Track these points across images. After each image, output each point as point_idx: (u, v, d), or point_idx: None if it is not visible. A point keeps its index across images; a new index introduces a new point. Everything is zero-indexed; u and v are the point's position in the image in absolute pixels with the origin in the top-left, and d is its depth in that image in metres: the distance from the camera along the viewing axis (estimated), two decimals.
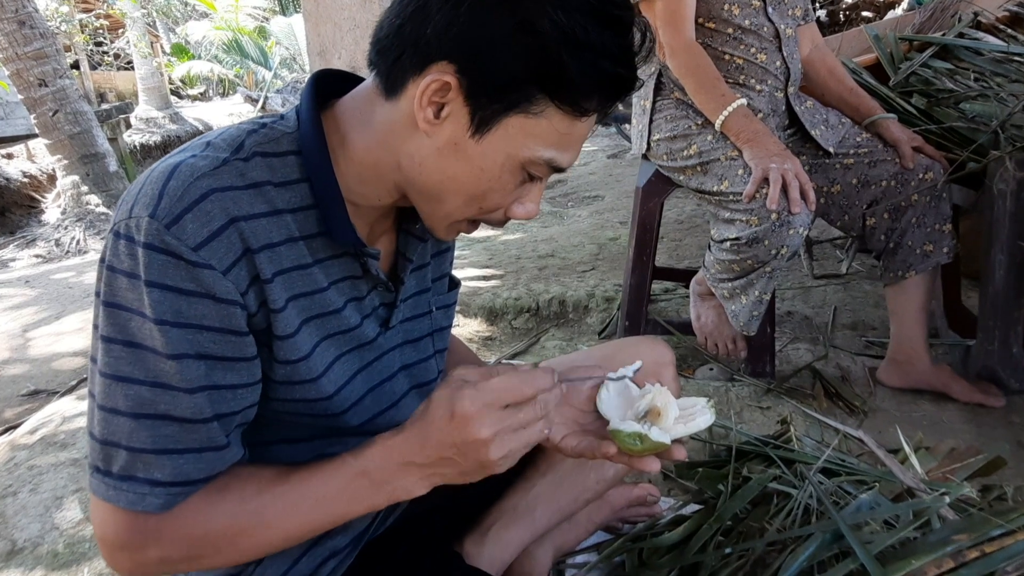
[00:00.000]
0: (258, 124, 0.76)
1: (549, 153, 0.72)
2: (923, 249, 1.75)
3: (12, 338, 3.38)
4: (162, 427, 0.68)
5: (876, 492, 1.18)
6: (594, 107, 0.70)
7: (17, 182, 10.33)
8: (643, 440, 0.77)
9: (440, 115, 0.69)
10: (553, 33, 0.65)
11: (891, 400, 1.84)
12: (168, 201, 0.65)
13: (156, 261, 0.64)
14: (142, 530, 0.69)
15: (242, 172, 0.70)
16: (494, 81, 0.67)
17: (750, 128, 1.60)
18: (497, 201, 0.76)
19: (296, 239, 0.74)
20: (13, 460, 1.92)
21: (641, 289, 2.03)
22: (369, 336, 0.84)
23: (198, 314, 0.66)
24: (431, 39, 0.67)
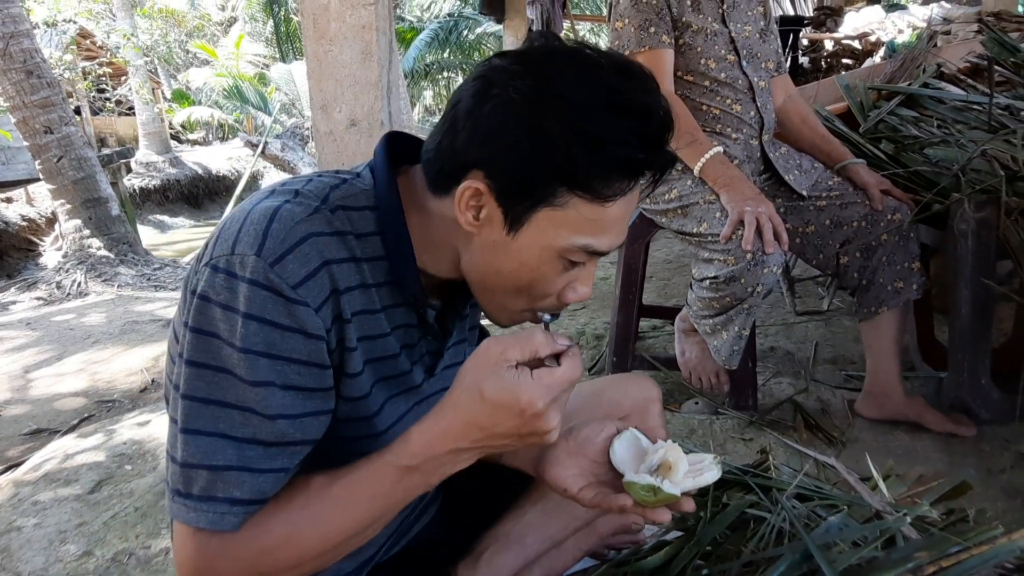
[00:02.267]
0: (339, 179, 0.83)
1: (583, 240, 0.75)
2: (894, 286, 1.84)
3: (13, 379, 3.43)
4: (248, 449, 0.72)
5: (845, 515, 1.24)
6: (616, 192, 0.73)
7: (16, 226, 10.45)
8: (656, 493, 0.82)
9: (479, 217, 0.75)
10: (562, 131, 0.69)
11: (868, 431, 1.91)
12: (272, 242, 0.71)
13: (259, 296, 0.70)
14: (213, 550, 0.72)
15: (330, 221, 0.77)
16: (517, 182, 0.72)
17: (726, 174, 1.71)
18: (544, 290, 0.80)
19: (368, 286, 0.80)
20: (17, 496, 1.97)
21: (627, 327, 2.11)
22: (416, 381, 0.90)
23: (288, 347, 0.72)
24: (460, 151, 0.74)
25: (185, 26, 23.00)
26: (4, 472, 2.29)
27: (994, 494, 1.60)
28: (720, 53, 1.87)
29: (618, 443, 0.91)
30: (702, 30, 1.85)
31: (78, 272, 6.05)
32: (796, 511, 1.32)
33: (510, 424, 0.72)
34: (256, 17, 24.18)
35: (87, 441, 2.29)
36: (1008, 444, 1.75)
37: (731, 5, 1.91)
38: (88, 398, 3.05)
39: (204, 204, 16.01)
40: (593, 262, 0.81)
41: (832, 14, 5.50)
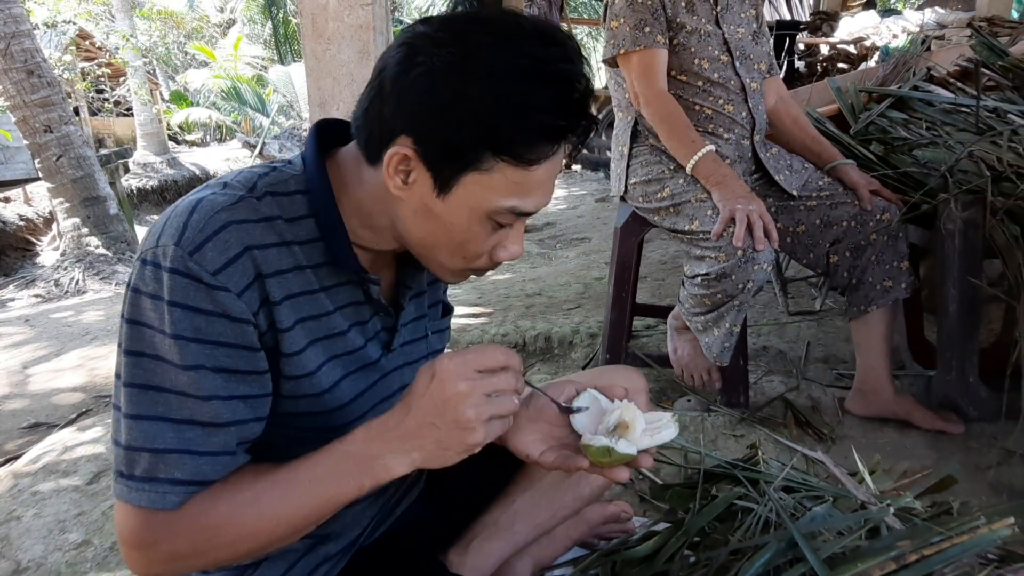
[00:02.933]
0: (269, 168, 0.86)
1: (510, 202, 0.78)
2: (883, 285, 1.87)
3: (12, 374, 3.44)
4: (186, 430, 0.74)
5: (830, 506, 1.27)
6: (540, 156, 0.76)
7: (14, 225, 10.46)
8: (611, 453, 0.84)
9: (408, 181, 0.78)
10: (485, 99, 0.72)
11: (858, 428, 1.93)
12: (191, 232, 0.74)
13: (179, 284, 0.73)
14: (154, 527, 0.75)
15: (255, 208, 0.79)
16: (443, 148, 0.75)
17: (718, 172, 1.74)
18: (475, 249, 0.84)
19: (304, 267, 0.82)
20: (17, 487, 1.99)
21: (620, 324, 2.14)
22: (372, 357, 0.93)
23: (215, 331, 0.74)
24: (388, 117, 0.76)
25: (184, 27, 23.03)
26: (3, 464, 2.30)
27: (980, 489, 1.63)
28: (714, 54, 1.90)
29: (577, 404, 0.93)
30: (696, 31, 1.88)
31: (76, 270, 6.07)
32: (783, 502, 1.35)
33: (426, 396, 0.75)
34: (255, 19, 24.23)
35: (85, 434, 2.31)
36: (995, 441, 1.78)
37: (724, 7, 1.94)
38: (86, 393, 3.07)
39: None
40: (521, 222, 0.84)
41: (828, 19, 5.54)
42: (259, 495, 0.77)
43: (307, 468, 0.78)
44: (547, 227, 5.25)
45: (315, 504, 0.78)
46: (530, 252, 4.55)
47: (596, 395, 0.97)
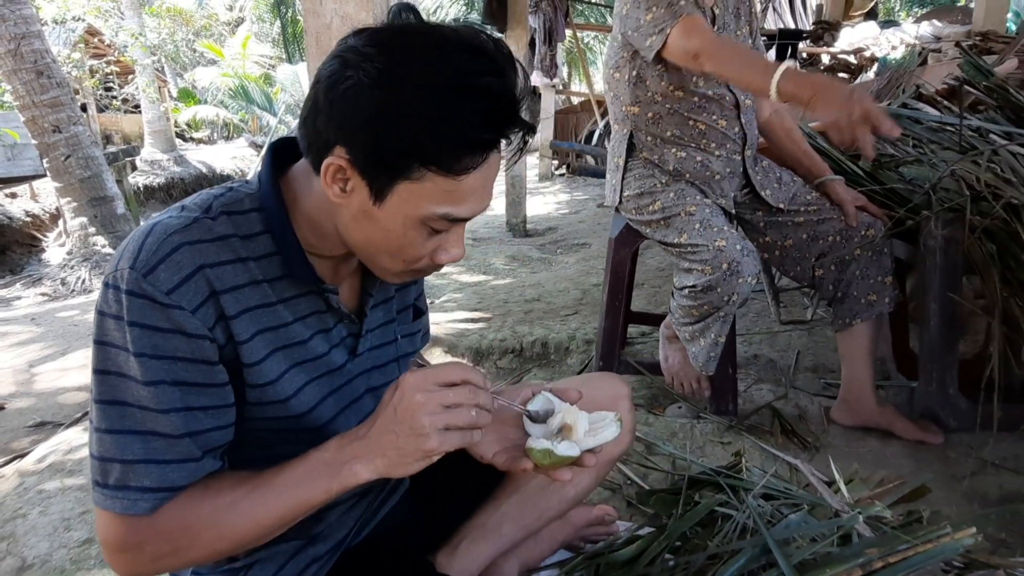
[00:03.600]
0: (225, 189, 0.91)
1: (442, 209, 0.81)
2: (867, 299, 1.92)
3: (18, 373, 3.51)
4: (151, 441, 0.79)
5: (805, 513, 1.32)
6: (467, 167, 0.78)
7: (20, 221, 10.54)
8: (550, 455, 0.89)
9: (346, 189, 0.81)
10: (409, 113, 0.74)
11: (841, 437, 1.98)
12: (145, 255, 0.78)
13: (136, 304, 0.77)
14: (136, 531, 0.80)
15: (210, 228, 0.84)
16: (375, 159, 0.77)
17: (808, 81, 1.56)
18: (414, 254, 0.86)
19: (260, 281, 0.87)
20: (23, 485, 2.05)
21: (613, 332, 2.19)
22: (337, 363, 0.97)
23: (172, 347, 0.79)
24: (323, 129, 0.79)
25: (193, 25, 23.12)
26: (9, 462, 2.37)
27: (956, 499, 1.67)
28: None
29: (530, 407, 0.97)
30: None
31: (83, 269, 6.14)
32: (761, 509, 1.40)
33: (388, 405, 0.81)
34: (263, 18, 24.35)
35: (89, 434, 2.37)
36: (972, 452, 1.83)
37: (721, 26, 1.98)
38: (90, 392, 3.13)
39: None
40: (460, 226, 0.87)
41: (829, 28, 5.59)
42: (237, 500, 0.83)
43: (281, 474, 0.84)
44: (549, 232, 5.31)
45: (288, 506, 0.83)
46: (531, 257, 4.62)
47: (550, 397, 1.01)
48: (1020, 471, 1.74)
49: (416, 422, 0.79)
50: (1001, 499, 1.68)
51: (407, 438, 0.80)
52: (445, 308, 3.41)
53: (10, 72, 5.58)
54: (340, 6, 1.58)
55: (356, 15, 1.60)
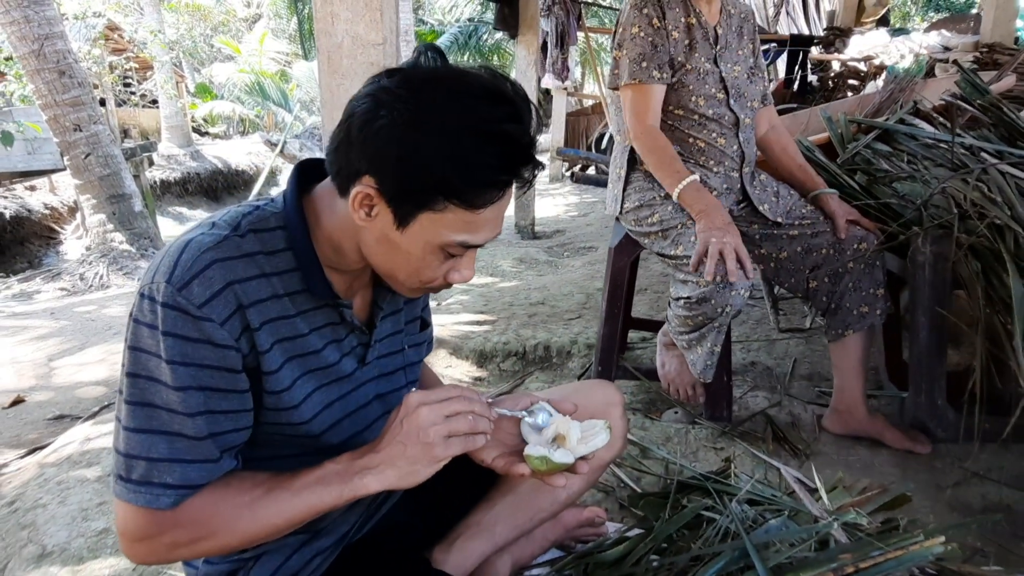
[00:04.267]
0: (252, 207, 0.98)
1: (460, 237, 0.89)
2: (859, 311, 1.97)
3: (38, 367, 3.62)
4: (176, 441, 0.87)
5: (784, 518, 1.38)
6: (486, 202, 0.87)
7: (38, 214, 10.74)
8: (547, 462, 0.98)
9: (371, 215, 0.88)
10: (436, 154, 0.82)
11: (832, 445, 2.03)
12: (180, 270, 0.85)
13: (170, 316, 0.84)
14: (156, 522, 0.88)
15: (239, 245, 0.92)
16: (401, 192, 0.86)
17: (701, 201, 1.85)
18: (430, 275, 0.95)
19: (281, 296, 0.95)
20: (43, 476, 2.14)
21: (612, 338, 2.25)
22: (347, 371, 1.05)
23: (200, 355, 0.86)
24: (353, 158, 0.86)
25: (211, 21, 23.32)
26: (29, 454, 2.46)
27: (939, 508, 1.73)
28: (710, 91, 2.00)
29: (528, 417, 1.05)
30: (695, 69, 1.99)
31: (101, 265, 6.28)
32: (744, 514, 1.46)
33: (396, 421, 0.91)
34: (280, 14, 24.50)
35: (106, 427, 2.46)
36: (958, 462, 1.88)
37: (724, 46, 2.04)
38: (108, 387, 3.23)
39: (222, 197, 16.26)
40: (472, 252, 0.96)
41: (841, 35, 5.61)
42: (254, 500, 0.91)
43: (297, 479, 0.92)
44: (557, 234, 5.37)
45: (300, 510, 0.92)
46: (537, 260, 4.68)
47: (546, 407, 1.09)
48: (1003, 482, 1.79)
49: (422, 432, 0.89)
50: (983, 509, 1.73)
51: (415, 447, 0.89)
52: (451, 310, 3.48)
53: (33, 72, 5.71)
54: (351, 27, 1.65)
55: (367, 35, 1.67)
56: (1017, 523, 1.65)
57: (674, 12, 1.98)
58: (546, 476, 0.99)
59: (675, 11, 1.99)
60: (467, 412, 0.92)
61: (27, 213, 10.44)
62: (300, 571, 1.11)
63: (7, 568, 1.76)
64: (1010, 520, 1.66)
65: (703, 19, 2.01)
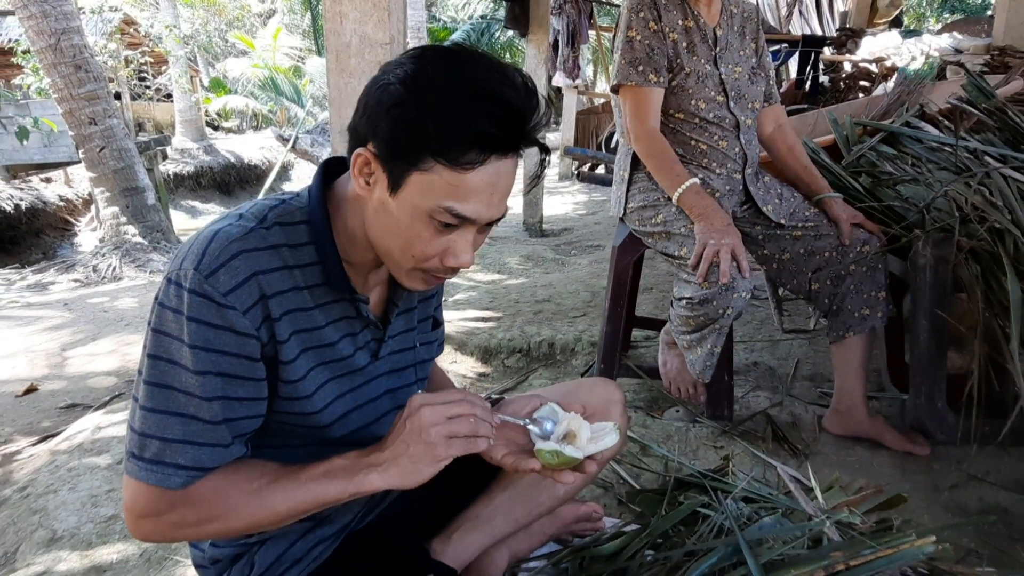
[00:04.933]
0: (279, 200, 1.02)
1: (447, 203, 0.88)
2: (861, 313, 1.98)
3: (51, 356, 3.68)
4: (191, 424, 0.89)
5: (778, 516, 1.40)
6: (472, 161, 0.85)
7: (53, 205, 10.89)
8: (559, 456, 1.01)
9: (370, 181, 0.91)
10: (426, 107, 0.84)
11: (832, 445, 2.05)
12: (208, 259, 0.89)
13: (196, 302, 0.87)
14: (165, 501, 0.90)
15: (264, 237, 0.95)
16: (393, 148, 0.87)
17: (700, 204, 1.86)
18: (422, 250, 0.93)
19: (301, 288, 0.98)
20: (54, 463, 2.19)
21: (614, 337, 2.27)
22: (359, 364, 1.08)
23: (221, 342, 0.89)
24: (359, 128, 0.90)
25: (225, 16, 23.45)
26: (42, 441, 2.51)
27: (935, 509, 1.74)
28: (710, 94, 2.02)
29: (537, 414, 1.09)
30: (694, 72, 2.00)
31: (114, 257, 6.35)
32: (739, 511, 1.48)
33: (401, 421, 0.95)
34: (294, 10, 24.60)
35: (116, 417, 2.51)
36: (957, 464, 1.89)
37: (724, 47, 2.06)
38: (119, 377, 3.29)
39: (235, 191, 16.37)
40: (469, 230, 0.93)
41: (853, 36, 5.59)
42: (262, 488, 0.94)
43: (304, 471, 0.95)
44: (564, 232, 5.38)
45: (305, 500, 0.94)
46: (545, 257, 4.70)
47: (555, 408, 1.13)
48: (1001, 485, 1.79)
49: (425, 432, 0.92)
50: (980, 511, 1.74)
51: (417, 446, 0.92)
52: (458, 306, 3.51)
53: (50, 65, 5.78)
54: (359, 26, 1.68)
55: (375, 35, 1.69)
56: (1013, 525, 1.66)
57: (671, 15, 2.00)
58: (556, 472, 1.01)
59: (672, 13, 2.00)
60: (469, 415, 0.95)
61: (42, 205, 10.58)
62: (303, 558, 1.14)
63: (19, 551, 1.81)
64: (1006, 522, 1.67)
65: (702, 21, 2.02)
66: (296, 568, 1.13)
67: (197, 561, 1.16)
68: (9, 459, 2.42)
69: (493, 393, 2.57)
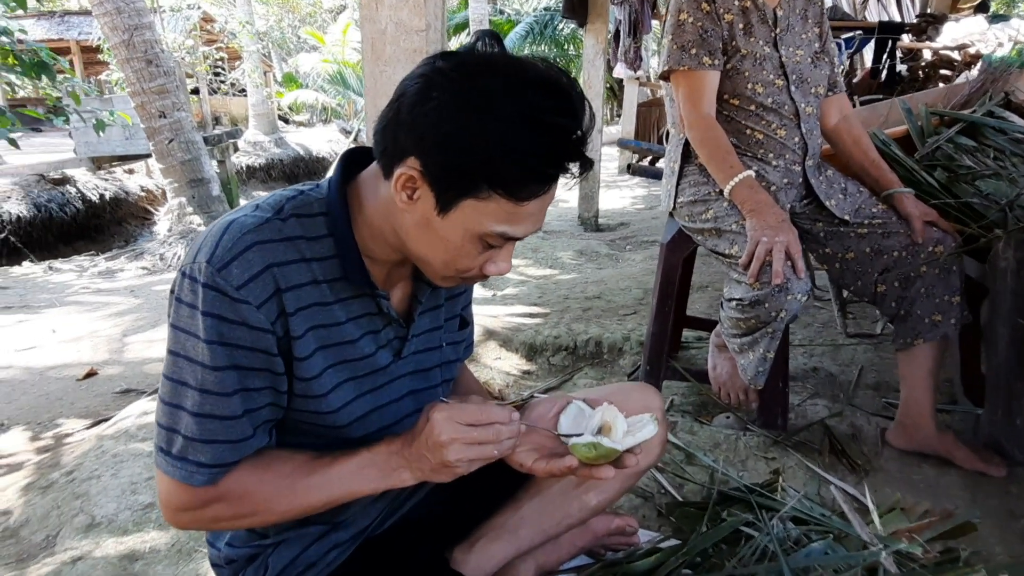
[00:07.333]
0: (297, 191, 0.97)
1: (500, 228, 0.87)
2: (931, 319, 1.82)
3: (112, 342, 3.80)
4: (208, 423, 0.88)
5: (829, 542, 1.28)
6: (530, 195, 0.84)
7: (135, 195, 11.43)
8: (597, 448, 0.93)
9: (413, 197, 0.86)
10: (485, 140, 0.80)
11: (895, 462, 1.89)
12: (221, 251, 0.86)
13: (209, 296, 0.85)
14: (200, 498, 0.91)
15: (280, 229, 0.91)
16: (446, 176, 0.83)
17: (754, 198, 1.74)
18: (466, 265, 0.92)
19: (319, 282, 0.93)
20: (101, 448, 2.23)
21: (662, 337, 2.17)
22: (381, 363, 1.03)
23: (235, 336, 0.87)
24: (401, 138, 0.84)
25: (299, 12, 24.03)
26: (93, 426, 2.58)
27: (1010, 539, 1.57)
28: (768, 78, 1.88)
29: (563, 416, 1.03)
30: (751, 54, 1.87)
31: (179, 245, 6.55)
32: (787, 533, 1.37)
33: (421, 435, 0.91)
34: None
35: None
36: None
37: (784, 28, 1.92)
38: None
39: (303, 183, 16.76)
40: (511, 244, 0.93)
41: (934, 21, 5.25)
42: (295, 482, 0.93)
43: (335, 464, 0.95)
44: (620, 227, 5.25)
45: (338, 495, 0.95)
46: (598, 253, 4.59)
47: (581, 406, 1.05)
48: None
49: (444, 456, 0.90)
50: None
51: (438, 463, 0.91)
52: (505, 301, 3.44)
53: (123, 61, 6.01)
54: (395, 12, 1.62)
55: (410, 21, 1.64)
56: None
57: None
58: (593, 468, 0.95)
59: None
60: (495, 443, 0.92)
61: (125, 195, 11.11)
62: (317, 562, 1.10)
63: (59, 535, 1.84)
64: None
65: (760, 1, 1.89)
66: (310, 572, 1.10)
67: (213, 560, 1.14)
68: (62, 442, 2.48)
69: (536, 391, 2.50)
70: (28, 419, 2.80)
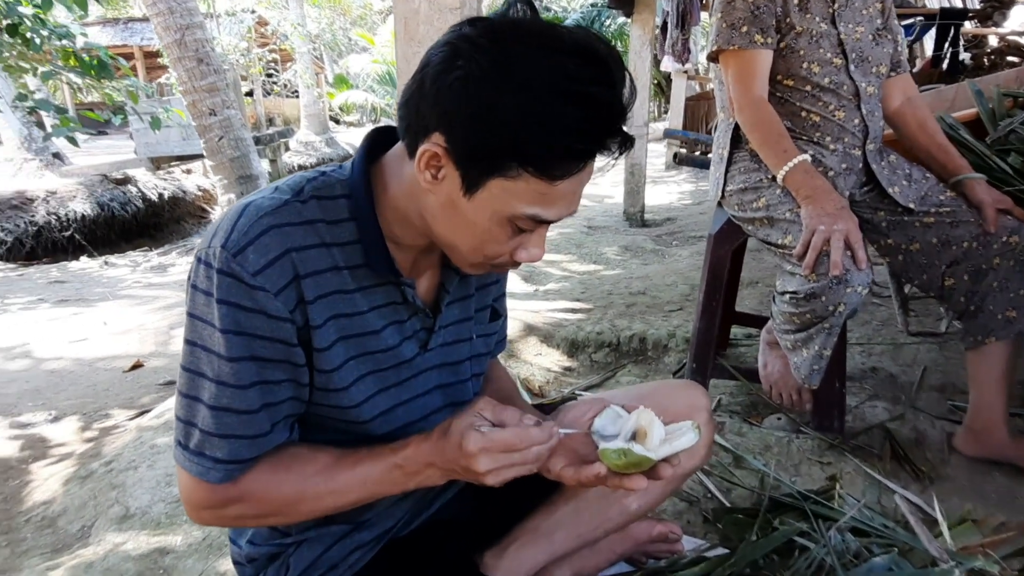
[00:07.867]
0: (318, 172, 0.92)
1: (531, 210, 0.80)
2: (1005, 315, 1.68)
3: (159, 334, 3.85)
4: (224, 416, 0.84)
5: (894, 557, 1.17)
6: (564, 173, 0.77)
7: (192, 194, 11.77)
8: (627, 455, 0.85)
9: (438, 176, 0.80)
10: (515, 112, 0.73)
11: (963, 469, 1.75)
12: (236, 235, 0.81)
13: (224, 283, 0.80)
14: (221, 496, 0.87)
15: (299, 211, 0.85)
16: (473, 152, 0.76)
17: (809, 184, 1.62)
18: (496, 250, 0.86)
19: (340, 268, 0.87)
20: (140, 439, 2.24)
21: (709, 333, 2.06)
22: (406, 356, 0.97)
23: (253, 325, 0.82)
24: (424, 112, 0.78)
25: (350, 15, 24.38)
26: (136, 417, 2.59)
27: None
28: (825, 56, 1.76)
29: (598, 420, 0.96)
30: (807, 31, 1.76)
31: None
32: (846, 545, 1.27)
33: (455, 457, 0.86)
34: None
35: None
36: None
37: (844, 3, 1.79)
38: None
39: None
40: (543, 227, 0.86)
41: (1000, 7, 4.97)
42: (319, 483, 0.90)
43: (363, 470, 0.91)
44: (667, 222, 5.11)
45: (365, 496, 0.92)
46: (644, 248, 4.47)
47: (618, 411, 0.98)
48: None
49: (480, 480, 0.87)
50: None
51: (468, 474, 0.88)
52: (548, 296, 3.37)
53: (176, 60, 6.11)
54: None
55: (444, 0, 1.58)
56: None
57: None
58: (624, 476, 0.87)
59: None
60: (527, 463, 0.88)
61: (182, 194, 11.45)
62: (339, 563, 1.06)
63: (95, 526, 1.84)
64: None
65: None
66: (332, 573, 1.05)
67: (235, 558, 1.11)
68: (105, 433, 2.51)
69: (577, 389, 2.42)
70: (77, 410, 2.84)
